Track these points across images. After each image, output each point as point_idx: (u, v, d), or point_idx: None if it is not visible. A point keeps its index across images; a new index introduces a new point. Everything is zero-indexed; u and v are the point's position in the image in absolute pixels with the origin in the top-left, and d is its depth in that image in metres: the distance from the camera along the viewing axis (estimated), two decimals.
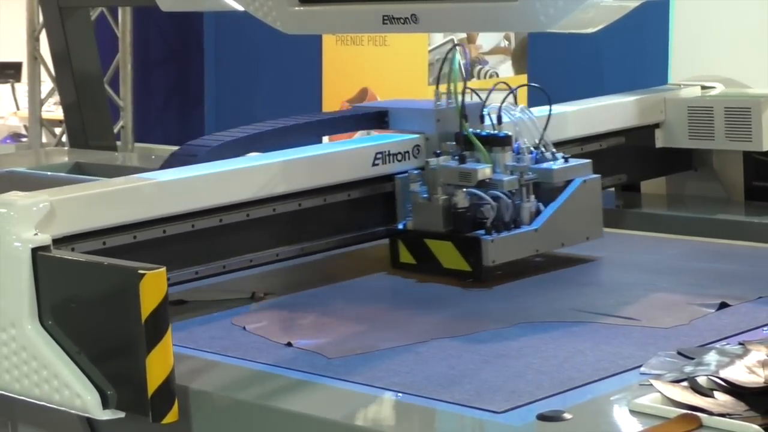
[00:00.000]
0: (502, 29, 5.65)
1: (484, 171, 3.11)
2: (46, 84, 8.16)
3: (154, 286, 2.29)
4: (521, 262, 3.12)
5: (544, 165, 3.19)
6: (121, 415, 2.34)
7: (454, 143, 3.21)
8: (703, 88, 3.98)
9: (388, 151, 3.26)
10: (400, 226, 3.22)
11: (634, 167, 3.86)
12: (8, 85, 10.58)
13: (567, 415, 2.12)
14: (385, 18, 3.14)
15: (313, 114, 3.45)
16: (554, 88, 4.05)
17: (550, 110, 3.25)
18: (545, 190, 3.17)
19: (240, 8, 3.36)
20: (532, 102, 3.49)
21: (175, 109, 8.32)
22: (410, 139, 3.31)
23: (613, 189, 3.91)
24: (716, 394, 2.10)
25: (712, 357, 2.26)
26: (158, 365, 2.28)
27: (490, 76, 6.64)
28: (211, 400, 2.40)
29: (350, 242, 3.26)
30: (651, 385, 2.17)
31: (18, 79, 10.28)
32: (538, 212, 3.15)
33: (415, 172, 3.23)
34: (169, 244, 2.89)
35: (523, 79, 6.44)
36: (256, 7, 3.30)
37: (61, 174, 4.51)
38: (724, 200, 3.88)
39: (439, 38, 6.75)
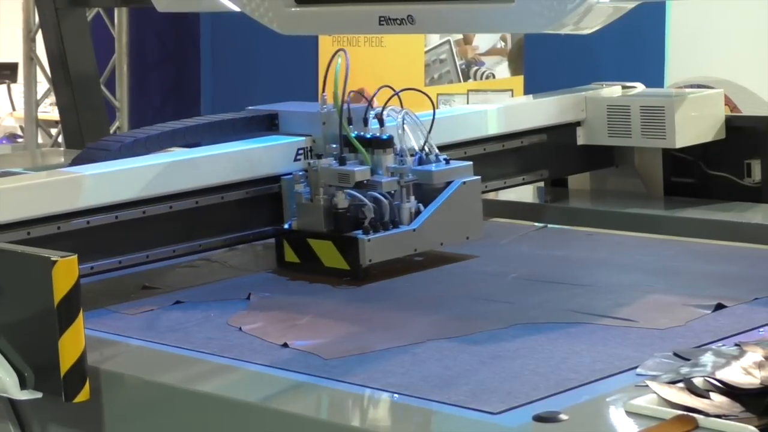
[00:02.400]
0: (499, 30, 5.65)
1: (362, 172, 3.18)
2: (42, 85, 8.16)
3: (65, 272, 2.40)
4: (402, 260, 3.20)
5: (425, 167, 3.26)
6: (39, 395, 2.46)
7: (337, 145, 3.28)
8: (624, 87, 4.07)
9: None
10: (286, 226, 3.29)
11: (556, 164, 3.95)
12: (4, 86, 10.59)
13: (563, 416, 2.12)
14: (382, 19, 3.14)
15: (206, 116, 3.54)
16: (551, 90, 4.07)
17: (434, 114, 3.30)
18: (427, 191, 3.25)
19: (236, 9, 3.36)
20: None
21: (172, 110, 8.31)
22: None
23: (542, 185, 4.04)
24: (712, 395, 2.10)
25: (708, 358, 2.26)
26: (70, 347, 2.39)
27: (487, 77, 6.65)
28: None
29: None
30: (647, 386, 2.17)
31: (14, 79, 10.29)
32: (418, 213, 3.22)
33: (300, 173, 3.28)
34: (92, 234, 2.99)
35: (520, 80, 6.45)
36: (253, 7, 3.30)
37: None
38: (644, 195, 3.98)
39: (435, 39, 6.76)
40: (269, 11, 3.28)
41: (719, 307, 2.77)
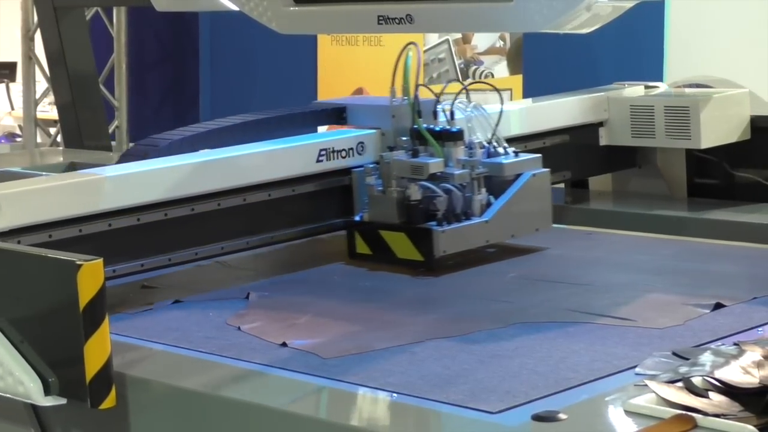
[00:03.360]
0: (498, 29, 5.65)
1: (436, 164, 3.22)
2: (41, 84, 8.15)
3: (91, 276, 2.36)
4: (474, 252, 3.24)
5: (496, 159, 3.29)
6: (63, 401, 2.41)
7: (408, 138, 3.30)
8: (647, 87, 4.04)
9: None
10: (357, 218, 3.32)
11: (579, 164, 3.95)
12: (3, 85, 10.59)
13: (562, 416, 2.12)
14: (381, 18, 3.14)
15: (273, 110, 3.53)
16: (549, 89, 4.06)
17: (502, 108, 3.34)
18: (497, 183, 3.28)
19: (235, 8, 3.36)
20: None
21: (171, 110, 8.32)
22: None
23: (563, 185, 4.01)
24: (711, 394, 2.10)
25: (707, 357, 2.26)
26: (96, 352, 2.35)
27: (486, 77, 6.65)
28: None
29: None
30: (646, 385, 2.17)
31: (13, 79, 10.29)
32: (489, 204, 3.25)
33: (371, 165, 3.32)
34: (114, 237, 2.96)
35: (519, 79, 6.46)
36: (251, 7, 3.30)
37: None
38: (667, 197, 3.96)
39: (434, 38, 6.76)
40: (268, 10, 3.27)
41: (718, 306, 2.77)
